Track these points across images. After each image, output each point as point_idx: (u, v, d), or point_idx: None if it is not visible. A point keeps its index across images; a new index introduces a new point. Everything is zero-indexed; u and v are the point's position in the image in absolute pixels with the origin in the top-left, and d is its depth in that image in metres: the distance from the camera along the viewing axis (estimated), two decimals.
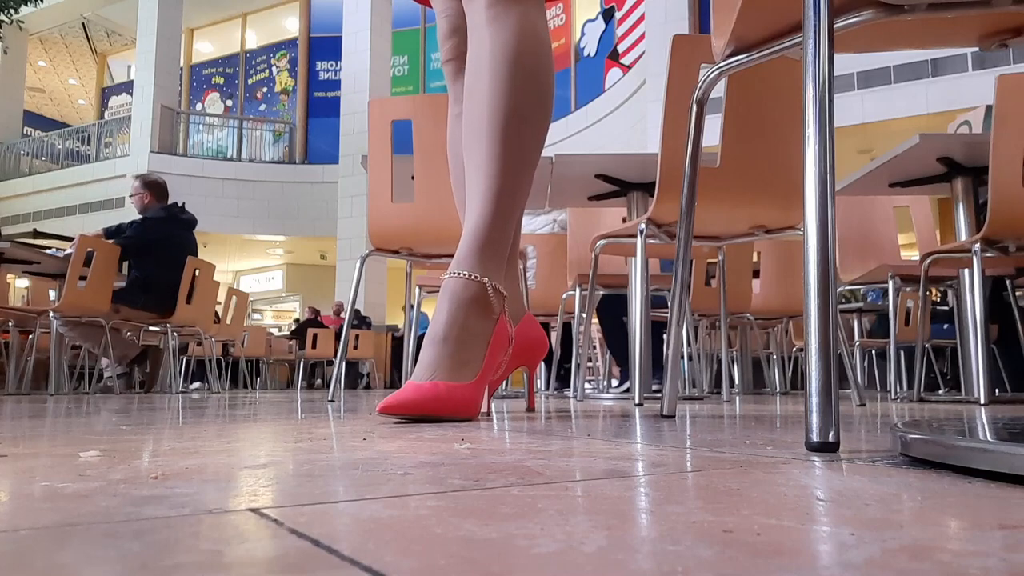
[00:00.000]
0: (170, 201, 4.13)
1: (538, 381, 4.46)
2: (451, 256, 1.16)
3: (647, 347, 2.31)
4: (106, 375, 3.89)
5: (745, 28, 0.80)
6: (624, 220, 2.75)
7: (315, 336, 7.76)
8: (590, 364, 5.21)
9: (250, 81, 13.56)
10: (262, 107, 13.31)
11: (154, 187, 4.07)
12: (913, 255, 3.28)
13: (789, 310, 3.62)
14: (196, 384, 6.10)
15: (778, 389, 4.05)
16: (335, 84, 11.93)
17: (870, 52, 0.88)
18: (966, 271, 2.45)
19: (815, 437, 0.55)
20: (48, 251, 4.45)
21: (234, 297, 5.33)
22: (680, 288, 1.05)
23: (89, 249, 3.52)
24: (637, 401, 1.62)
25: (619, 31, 9.25)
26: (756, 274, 3.54)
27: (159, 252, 3.85)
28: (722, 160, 1.73)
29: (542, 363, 4.58)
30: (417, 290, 3.08)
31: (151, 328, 4.05)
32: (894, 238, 3.18)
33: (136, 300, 3.76)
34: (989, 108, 2.88)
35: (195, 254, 4.07)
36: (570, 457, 0.50)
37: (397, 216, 2.12)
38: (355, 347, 7.33)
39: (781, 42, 0.80)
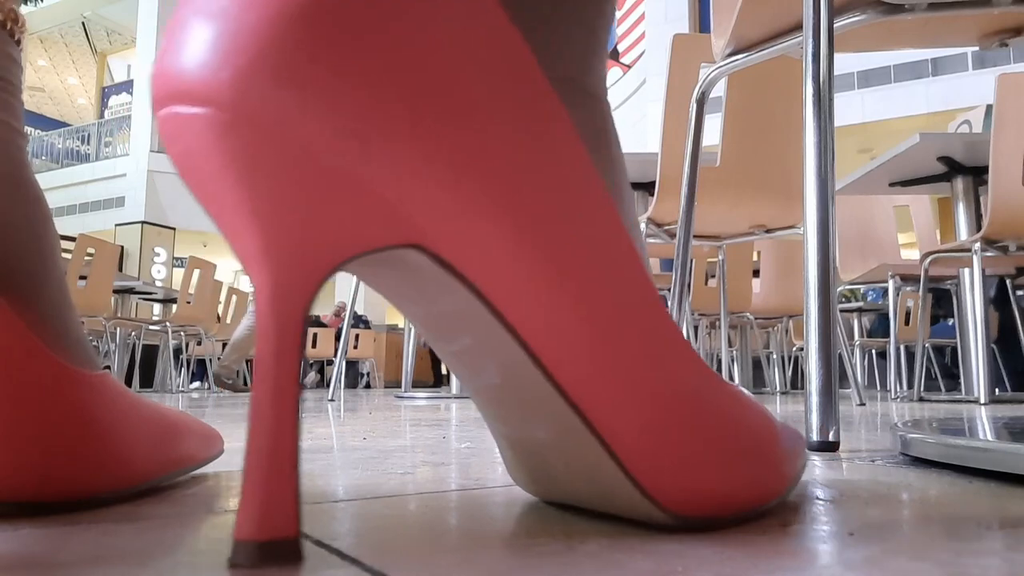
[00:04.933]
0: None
1: None
2: None
3: None
4: None
5: (745, 28, 0.80)
6: None
7: (315, 336, 7.76)
8: None
9: None
10: None
11: None
12: (913, 255, 3.27)
13: (789, 310, 3.62)
14: (196, 384, 6.09)
15: (778, 389, 4.05)
16: None
17: (870, 52, 0.88)
18: (966, 271, 2.45)
19: (815, 436, 0.55)
20: None
21: (234, 296, 5.33)
22: (680, 288, 1.05)
23: (89, 249, 3.53)
24: None
25: (619, 31, 9.24)
26: (756, 274, 3.54)
27: None
28: (722, 159, 1.73)
29: None
30: None
31: (151, 328, 4.05)
32: (894, 238, 3.18)
33: None
34: (989, 108, 2.88)
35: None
36: None
37: None
38: (355, 347, 7.32)
39: (781, 42, 0.80)
